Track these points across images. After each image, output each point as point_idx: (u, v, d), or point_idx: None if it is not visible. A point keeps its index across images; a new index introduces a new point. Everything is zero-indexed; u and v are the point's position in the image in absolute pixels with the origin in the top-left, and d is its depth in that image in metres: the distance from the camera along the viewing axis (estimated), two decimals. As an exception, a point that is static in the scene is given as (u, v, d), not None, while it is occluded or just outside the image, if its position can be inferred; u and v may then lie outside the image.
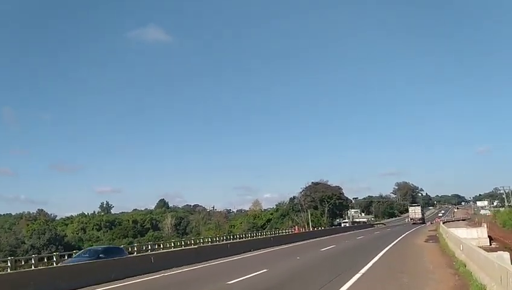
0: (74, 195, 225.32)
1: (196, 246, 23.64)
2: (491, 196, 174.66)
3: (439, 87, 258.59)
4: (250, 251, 28.08)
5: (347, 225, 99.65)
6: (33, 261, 23.85)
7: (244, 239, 40.93)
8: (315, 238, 48.85)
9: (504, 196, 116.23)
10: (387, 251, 25.45)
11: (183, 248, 29.44)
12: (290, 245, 36.55)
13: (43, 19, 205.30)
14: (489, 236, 50.87)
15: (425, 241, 36.45)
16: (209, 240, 44.03)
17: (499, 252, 23.81)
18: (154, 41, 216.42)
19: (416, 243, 34.68)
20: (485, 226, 55.20)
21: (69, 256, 29.26)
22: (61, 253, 30.26)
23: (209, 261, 21.32)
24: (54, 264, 22.81)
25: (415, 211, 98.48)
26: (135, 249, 30.97)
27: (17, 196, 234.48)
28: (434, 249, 27.39)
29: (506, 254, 21.54)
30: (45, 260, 26.16)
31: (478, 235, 49.74)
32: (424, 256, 22.40)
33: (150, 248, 32.66)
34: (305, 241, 42.20)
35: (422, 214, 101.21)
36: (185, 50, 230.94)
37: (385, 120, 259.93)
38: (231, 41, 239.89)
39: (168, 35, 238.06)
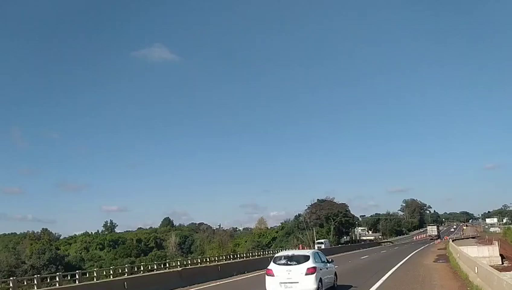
0: (81, 214, 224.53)
1: (180, 269, 21.69)
2: (500, 213, 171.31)
3: (447, 104, 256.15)
4: (244, 272, 26.17)
5: (322, 246, 69.18)
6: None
7: (238, 260, 38.69)
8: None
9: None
10: (393, 272, 23.72)
11: (166, 270, 27.42)
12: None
13: (49, 39, 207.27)
14: (501, 254, 49.03)
15: (434, 262, 34.50)
16: (207, 259, 42.10)
17: (512, 272, 22.38)
18: (160, 61, 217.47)
19: (425, 263, 32.78)
20: (497, 244, 53.36)
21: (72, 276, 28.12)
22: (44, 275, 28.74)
23: (194, 286, 19.59)
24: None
25: (432, 229, 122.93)
26: (125, 270, 29.32)
27: (25, 215, 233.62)
28: (444, 270, 25.61)
29: (521, 274, 20.41)
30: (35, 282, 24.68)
31: (489, 253, 48.03)
32: (434, 279, 20.61)
33: (142, 269, 31.07)
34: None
35: (438, 231, 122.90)
36: (190, 68, 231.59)
37: (394, 137, 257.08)
38: (236, 58, 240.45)
39: (173, 54, 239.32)
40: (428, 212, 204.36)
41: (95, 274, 27.15)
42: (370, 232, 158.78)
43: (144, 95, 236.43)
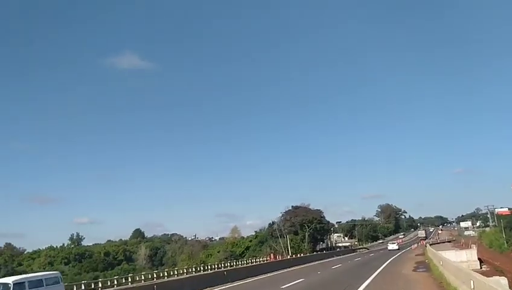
0: (50, 227, 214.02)
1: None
2: (473, 216, 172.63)
3: (417, 112, 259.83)
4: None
5: None
6: None
7: (185, 276, 34.62)
8: (286, 268, 43.06)
9: (488, 215, 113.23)
10: (364, 288, 20.25)
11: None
12: (249, 280, 30.73)
13: (14, 47, 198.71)
14: (478, 258, 46.97)
15: (413, 270, 31.29)
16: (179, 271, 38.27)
17: (495, 277, 19.50)
18: (130, 68, 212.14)
19: (404, 273, 29.39)
20: (475, 248, 51.64)
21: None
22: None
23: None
24: None
25: (422, 233, 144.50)
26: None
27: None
28: (427, 283, 21.76)
29: (504, 279, 17.52)
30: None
31: (467, 257, 45.95)
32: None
33: (100, 285, 27.35)
34: (270, 274, 36.05)
35: (426, 234, 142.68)
36: (162, 76, 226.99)
37: (368, 143, 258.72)
38: (209, 67, 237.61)
39: (144, 61, 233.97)
40: (403, 217, 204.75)
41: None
42: (346, 238, 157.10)
43: (114, 104, 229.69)
